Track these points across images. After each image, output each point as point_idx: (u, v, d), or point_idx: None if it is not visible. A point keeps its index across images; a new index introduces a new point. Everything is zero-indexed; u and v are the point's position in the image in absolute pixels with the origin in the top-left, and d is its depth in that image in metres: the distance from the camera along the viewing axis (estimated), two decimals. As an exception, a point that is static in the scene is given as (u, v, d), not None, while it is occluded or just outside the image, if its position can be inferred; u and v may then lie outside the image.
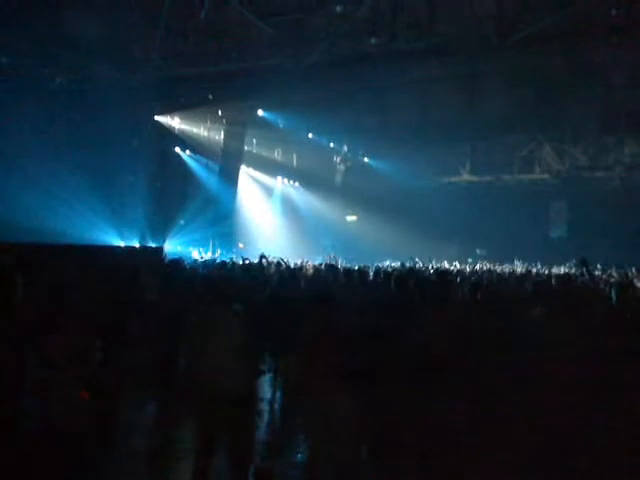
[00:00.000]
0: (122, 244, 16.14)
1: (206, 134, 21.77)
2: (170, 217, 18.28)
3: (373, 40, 12.98)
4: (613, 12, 11.52)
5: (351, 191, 26.32)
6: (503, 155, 23.67)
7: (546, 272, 13.84)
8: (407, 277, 6.79)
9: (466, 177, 25.71)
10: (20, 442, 3.85)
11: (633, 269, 12.76)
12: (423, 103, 18.21)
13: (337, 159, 26.73)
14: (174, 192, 18.47)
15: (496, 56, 13.90)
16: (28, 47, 13.35)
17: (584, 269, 8.50)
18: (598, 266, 13.23)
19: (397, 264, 15.35)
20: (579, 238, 22.90)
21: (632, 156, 22.49)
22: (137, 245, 16.44)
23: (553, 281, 8.18)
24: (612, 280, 9.76)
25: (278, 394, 6.99)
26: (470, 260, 19.65)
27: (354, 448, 4.41)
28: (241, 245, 20.82)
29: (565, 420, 4.09)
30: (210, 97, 17.15)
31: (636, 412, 3.99)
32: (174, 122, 20.01)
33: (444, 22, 12.54)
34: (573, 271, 12.90)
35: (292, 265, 11.76)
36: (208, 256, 17.49)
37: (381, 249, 21.81)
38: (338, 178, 27.03)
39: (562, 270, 15.10)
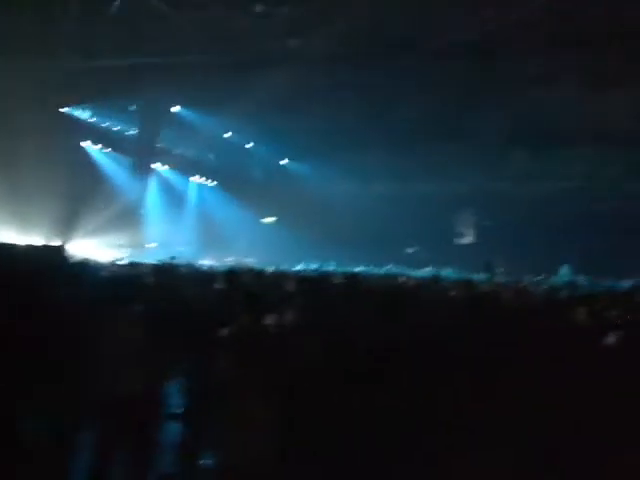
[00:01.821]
0: (23, 243, 15.24)
1: (119, 128, 21.04)
2: (78, 215, 17.48)
3: (290, 42, 12.98)
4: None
5: (269, 193, 26.21)
6: (415, 163, 24.34)
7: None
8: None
9: (381, 184, 26.24)
10: None
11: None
12: (336, 109, 18.36)
13: (256, 160, 26.54)
14: (83, 189, 17.68)
15: (410, 62, 14.11)
16: None
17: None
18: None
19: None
20: (487, 245, 23.88)
21: (534, 166, 23.69)
22: (39, 244, 15.57)
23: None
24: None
25: (187, 397, 6.77)
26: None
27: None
28: (153, 245, 20.23)
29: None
30: (123, 90, 16.60)
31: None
32: (84, 115, 19.23)
33: (360, 27, 12.63)
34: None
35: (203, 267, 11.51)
36: (117, 256, 16.86)
37: (297, 252, 21.80)
38: (256, 180, 26.85)
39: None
